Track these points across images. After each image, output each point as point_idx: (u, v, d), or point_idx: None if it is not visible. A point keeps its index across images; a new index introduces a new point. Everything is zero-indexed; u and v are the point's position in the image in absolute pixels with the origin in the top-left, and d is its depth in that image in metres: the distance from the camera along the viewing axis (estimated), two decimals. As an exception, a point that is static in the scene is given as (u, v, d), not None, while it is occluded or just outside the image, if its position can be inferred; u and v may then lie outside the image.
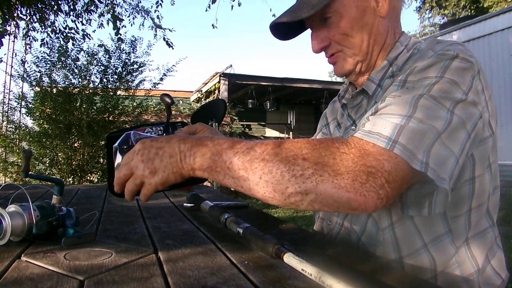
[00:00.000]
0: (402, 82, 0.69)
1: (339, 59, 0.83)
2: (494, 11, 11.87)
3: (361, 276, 0.58)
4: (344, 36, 0.80)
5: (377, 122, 0.62)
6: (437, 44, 0.75)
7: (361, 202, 0.55)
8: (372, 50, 0.81)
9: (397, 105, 0.64)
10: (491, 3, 15.94)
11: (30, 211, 0.69)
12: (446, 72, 0.67)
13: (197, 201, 1.01)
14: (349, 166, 0.55)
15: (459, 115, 0.64)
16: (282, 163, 0.57)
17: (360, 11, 0.78)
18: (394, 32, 0.83)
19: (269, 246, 0.60)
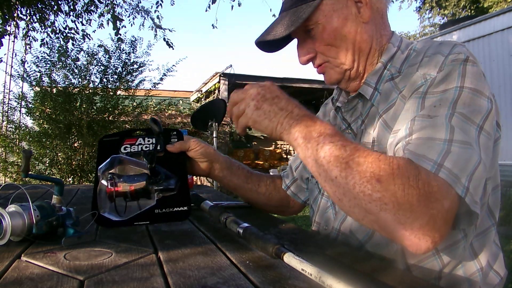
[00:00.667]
0: (423, 95, 0.68)
1: (326, 69, 0.83)
2: (494, 11, 11.87)
3: (361, 276, 0.58)
4: (328, 47, 0.79)
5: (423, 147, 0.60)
6: (440, 45, 0.73)
7: (414, 243, 0.55)
8: (359, 57, 0.80)
9: (432, 128, 0.62)
10: (491, 3, 15.94)
11: (30, 211, 0.69)
12: (465, 80, 0.66)
13: (197, 201, 1.01)
14: (414, 204, 0.54)
15: (487, 130, 0.64)
16: (358, 175, 0.57)
17: (341, 20, 0.77)
18: (381, 35, 0.82)
19: (269, 246, 0.60)
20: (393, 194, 0.55)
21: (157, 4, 5.95)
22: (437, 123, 0.63)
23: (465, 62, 0.68)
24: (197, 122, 3.18)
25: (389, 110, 0.75)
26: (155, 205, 0.85)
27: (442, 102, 0.65)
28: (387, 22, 0.84)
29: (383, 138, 0.75)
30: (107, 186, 0.83)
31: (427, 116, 0.64)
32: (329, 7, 0.77)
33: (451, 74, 0.67)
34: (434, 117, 0.63)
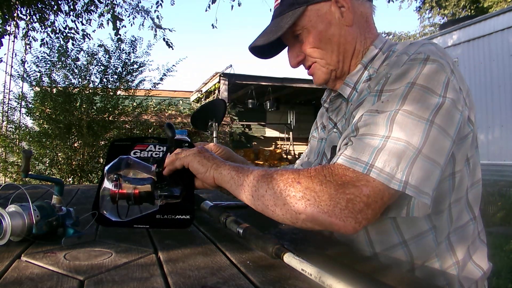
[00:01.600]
0: (379, 93, 0.72)
1: (315, 70, 0.88)
2: (494, 11, 11.87)
3: (361, 276, 0.58)
4: (315, 49, 0.85)
5: (357, 146, 0.66)
6: (410, 46, 0.76)
7: (341, 226, 0.63)
8: (343, 58, 0.85)
9: (375, 124, 0.67)
10: (491, 3, 15.94)
11: (30, 211, 0.69)
12: (418, 78, 0.68)
13: (197, 201, 1.01)
14: (332, 193, 0.63)
15: (439, 124, 0.65)
16: (282, 183, 0.67)
17: (325, 24, 0.83)
18: (365, 37, 0.86)
19: (269, 246, 0.60)
20: (313, 190, 0.64)
21: (157, 4, 5.96)
22: (380, 119, 0.67)
23: (425, 61, 0.70)
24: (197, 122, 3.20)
25: (358, 108, 0.78)
26: (156, 210, 0.84)
27: (391, 98, 0.68)
28: (372, 25, 0.88)
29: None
30: (111, 188, 0.82)
31: (375, 111, 0.69)
32: (314, 13, 0.83)
33: (407, 72, 0.70)
34: (380, 113, 0.68)
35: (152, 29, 6.09)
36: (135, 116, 5.69)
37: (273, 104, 9.96)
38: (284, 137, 12.18)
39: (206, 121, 2.90)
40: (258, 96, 9.70)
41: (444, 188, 0.73)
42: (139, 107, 5.59)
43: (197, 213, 1.00)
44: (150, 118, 6.55)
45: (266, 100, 9.83)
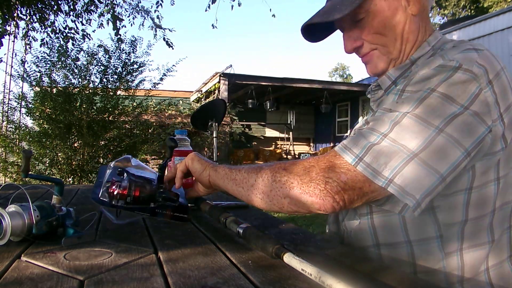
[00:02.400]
0: (400, 92, 0.70)
1: (373, 58, 0.84)
2: (494, 11, 11.87)
3: (361, 276, 0.58)
4: (377, 35, 0.81)
5: (355, 137, 0.68)
6: (452, 49, 0.72)
7: (321, 204, 0.65)
8: (405, 48, 0.81)
9: (381, 121, 0.67)
10: (491, 3, 15.94)
11: (30, 211, 0.69)
12: (440, 85, 0.65)
13: (197, 201, 1.01)
14: (313, 176, 0.66)
15: (450, 133, 0.63)
16: (269, 170, 0.72)
17: (392, 10, 0.79)
18: (425, 30, 0.82)
19: (269, 246, 0.60)
20: (296, 174, 0.68)
21: (157, 4, 5.95)
22: (387, 117, 0.67)
23: (456, 69, 0.66)
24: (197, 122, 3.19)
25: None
26: (155, 207, 0.84)
27: (407, 100, 0.67)
28: (429, 19, 0.85)
29: None
30: (111, 186, 0.82)
31: (388, 109, 0.68)
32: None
33: (432, 77, 0.67)
34: (392, 112, 0.67)
35: (152, 29, 6.09)
36: (135, 116, 5.68)
37: (273, 104, 9.96)
38: (284, 137, 12.18)
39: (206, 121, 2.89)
40: (258, 96, 9.70)
41: (455, 201, 0.70)
42: (139, 107, 5.58)
43: (197, 213, 1.01)
44: (150, 118, 6.54)
45: (266, 100, 9.82)
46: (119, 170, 0.84)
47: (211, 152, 7.57)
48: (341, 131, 11.66)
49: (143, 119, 5.90)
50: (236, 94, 9.81)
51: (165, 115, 7.22)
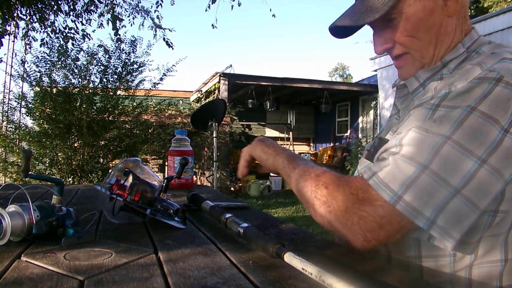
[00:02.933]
0: (435, 107, 0.65)
1: (406, 63, 0.79)
2: (494, 11, 11.87)
3: (361, 276, 0.58)
4: (410, 38, 0.75)
5: (392, 170, 0.62)
6: (490, 56, 0.67)
7: (351, 239, 0.65)
8: (439, 51, 0.76)
9: (419, 148, 0.62)
10: (491, 3, 15.95)
11: (30, 211, 0.69)
12: (482, 102, 0.60)
13: (197, 201, 1.01)
14: (349, 207, 0.64)
15: (493, 164, 0.59)
16: (315, 183, 0.70)
17: (427, 11, 0.73)
18: (461, 30, 0.77)
19: (270, 245, 0.60)
20: (335, 198, 0.66)
21: (157, 4, 5.96)
22: (427, 142, 0.61)
23: (496, 82, 0.61)
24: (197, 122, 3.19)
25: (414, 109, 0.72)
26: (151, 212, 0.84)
27: (445, 120, 0.62)
28: (468, 17, 0.79)
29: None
30: (112, 189, 0.82)
31: (424, 129, 0.63)
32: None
33: (471, 91, 0.62)
34: (429, 134, 0.62)
35: (152, 29, 6.09)
36: (135, 116, 5.68)
37: (273, 104, 9.96)
38: (284, 137, 12.18)
39: (206, 121, 2.90)
40: (258, 96, 9.70)
41: (479, 223, 0.65)
42: (139, 107, 5.59)
43: (197, 213, 1.01)
44: (150, 118, 6.54)
45: (266, 100, 9.82)
46: (126, 170, 0.84)
47: (211, 152, 7.56)
48: (341, 131, 11.66)
49: (143, 119, 5.90)
50: (236, 94, 9.81)
51: (165, 115, 7.21)
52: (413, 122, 0.66)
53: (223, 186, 7.99)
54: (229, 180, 8.29)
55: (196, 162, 8.45)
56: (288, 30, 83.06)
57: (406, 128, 0.67)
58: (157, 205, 0.85)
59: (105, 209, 0.89)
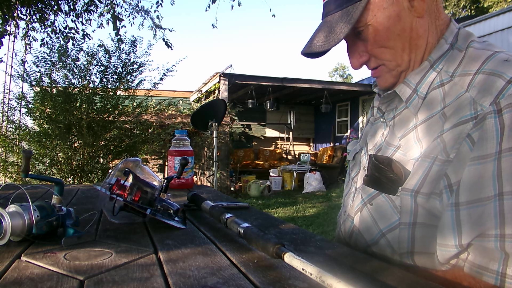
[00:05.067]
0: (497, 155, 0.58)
1: (382, 73, 0.77)
2: (494, 11, 11.86)
3: (361, 276, 0.58)
4: (382, 49, 0.73)
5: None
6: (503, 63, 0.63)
7: None
8: (415, 55, 0.73)
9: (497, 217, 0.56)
10: (491, 3, 15.94)
11: (30, 211, 0.69)
12: None
13: (197, 201, 1.01)
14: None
15: None
16: None
17: (393, 18, 0.70)
18: (435, 27, 0.73)
19: (270, 245, 0.60)
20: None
21: (157, 4, 5.96)
22: (508, 208, 0.56)
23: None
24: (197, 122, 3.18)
25: (425, 123, 0.70)
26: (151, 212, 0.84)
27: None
28: (441, 9, 0.74)
29: (409, 151, 0.71)
30: (112, 189, 0.82)
31: (510, 193, 0.56)
32: (378, 6, 0.70)
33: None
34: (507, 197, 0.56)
35: (152, 29, 6.09)
36: (135, 116, 5.68)
37: (273, 104, 9.96)
38: (284, 137, 12.18)
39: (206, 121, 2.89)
40: (258, 96, 9.70)
41: None
42: (139, 107, 5.58)
43: (197, 213, 1.01)
44: (150, 118, 6.54)
45: (266, 100, 9.82)
46: (126, 170, 0.84)
47: (211, 152, 7.56)
48: (341, 131, 11.65)
49: (143, 119, 5.90)
50: (236, 94, 9.81)
51: (165, 115, 7.21)
52: (486, 189, 0.58)
53: (223, 186, 7.99)
54: (229, 180, 8.29)
55: (196, 162, 8.45)
56: (289, 30, 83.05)
57: (472, 198, 0.60)
58: (157, 205, 0.85)
59: (105, 209, 0.89)
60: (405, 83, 0.75)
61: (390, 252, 0.74)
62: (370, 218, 0.78)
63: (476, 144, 0.60)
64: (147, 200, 0.83)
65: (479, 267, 0.59)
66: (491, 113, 0.60)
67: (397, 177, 0.71)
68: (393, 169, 0.71)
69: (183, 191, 1.44)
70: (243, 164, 9.96)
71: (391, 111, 0.81)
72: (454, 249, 0.62)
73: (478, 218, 0.59)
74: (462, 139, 0.62)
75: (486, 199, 0.58)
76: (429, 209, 0.67)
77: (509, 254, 0.56)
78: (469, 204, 0.60)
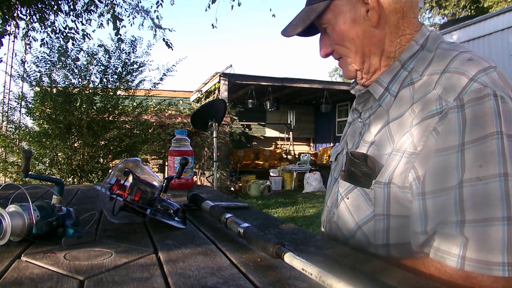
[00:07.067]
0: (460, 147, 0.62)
1: (342, 65, 0.85)
2: (494, 11, 11.86)
3: (361, 276, 0.58)
4: (339, 46, 0.82)
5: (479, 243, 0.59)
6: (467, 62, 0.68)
7: None
8: (369, 59, 0.80)
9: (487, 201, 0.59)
10: (491, 3, 15.94)
11: (30, 211, 0.69)
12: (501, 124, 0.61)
13: (197, 201, 1.01)
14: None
15: None
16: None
17: (349, 23, 0.78)
18: (398, 36, 0.78)
19: (270, 245, 0.60)
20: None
21: (157, 4, 5.96)
22: (491, 191, 0.59)
23: (495, 97, 0.62)
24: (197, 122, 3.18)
25: (397, 120, 0.74)
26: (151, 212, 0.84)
27: (488, 158, 0.60)
28: (411, 19, 0.79)
29: (382, 146, 0.76)
30: (112, 189, 0.82)
31: (475, 179, 0.60)
32: (339, 8, 0.79)
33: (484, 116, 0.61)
34: (486, 181, 0.60)
35: (152, 29, 6.09)
36: (135, 116, 5.68)
37: (273, 104, 9.96)
38: (284, 137, 12.18)
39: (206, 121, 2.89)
40: (258, 96, 9.69)
41: None
42: (139, 107, 5.58)
43: (197, 213, 1.01)
44: (150, 118, 6.54)
45: (266, 100, 9.82)
46: (126, 170, 0.84)
47: (211, 152, 7.56)
48: (341, 131, 11.65)
49: (143, 119, 5.90)
50: (236, 94, 9.81)
51: (165, 115, 7.21)
52: (449, 178, 0.62)
53: (223, 186, 7.99)
54: (229, 180, 8.29)
55: (196, 162, 8.45)
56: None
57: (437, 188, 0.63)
58: (157, 205, 0.85)
59: (105, 209, 0.89)
60: (377, 82, 0.80)
61: (366, 244, 0.77)
62: (347, 212, 0.81)
63: (440, 137, 0.65)
64: (147, 200, 0.83)
65: (442, 251, 0.62)
66: (454, 108, 0.64)
67: (371, 171, 0.75)
68: (367, 164, 0.75)
69: (183, 191, 1.44)
70: (243, 164, 9.96)
71: (367, 111, 0.86)
72: (422, 236, 0.66)
73: (441, 206, 0.63)
74: (428, 132, 0.66)
75: (449, 189, 0.62)
76: (402, 201, 0.70)
77: (468, 238, 0.60)
78: (434, 193, 0.64)
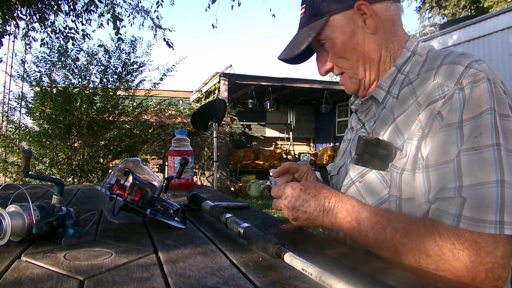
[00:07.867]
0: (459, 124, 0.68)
1: (345, 81, 0.89)
2: (494, 11, 11.86)
3: (361, 276, 0.58)
4: (340, 59, 0.85)
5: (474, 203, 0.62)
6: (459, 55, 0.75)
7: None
8: (370, 66, 0.84)
9: (482, 167, 0.63)
10: (491, 3, 15.94)
11: (30, 211, 0.69)
12: (494, 103, 0.67)
13: (197, 201, 1.01)
14: (468, 265, 0.61)
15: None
16: (410, 255, 0.66)
17: (348, 33, 0.82)
18: (392, 42, 0.84)
19: (270, 245, 0.60)
20: (446, 262, 0.62)
21: (157, 4, 5.96)
22: (485, 158, 0.64)
23: (488, 81, 0.69)
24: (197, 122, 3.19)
25: (402, 114, 0.78)
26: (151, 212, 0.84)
27: (482, 130, 0.65)
28: (399, 27, 0.86)
29: (392, 141, 0.79)
30: (112, 189, 0.82)
31: (471, 149, 0.65)
32: (336, 23, 0.83)
33: (480, 96, 0.68)
34: (481, 150, 0.65)
35: (152, 29, 6.09)
36: (135, 116, 5.68)
37: (273, 104, 9.96)
38: (284, 137, 12.18)
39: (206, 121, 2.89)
40: (258, 96, 9.69)
41: None
42: (139, 107, 5.58)
43: (197, 213, 1.01)
44: (150, 118, 6.54)
45: (266, 100, 9.82)
46: (126, 170, 0.84)
47: (211, 152, 7.56)
48: (341, 131, 11.65)
49: (143, 119, 5.90)
50: (236, 94, 9.81)
51: (165, 115, 7.21)
52: (450, 151, 0.67)
53: (223, 186, 7.99)
54: (229, 180, 8.29)
55: (196, 162, 8.45)
56: (289, 30, 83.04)
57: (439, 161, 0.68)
58: (157, 205, 0.85)
59: (105, 209, 0.89)
60: (379, 87, 0.85)
61: None
62: (358, 195, 0.82)
63: (444, 117, 0.70)
64: (147, 200, 0.83)
65: (440, 211, 0.66)
66: (456, 90, 0.70)
67: (388, 153, 0.77)
68: (383, 146, 0.79)
69: (183, 191, 1.44)
70: (243, 164, 9.96)
71: (371, 119, 0.88)
72: (425, 206, 0.70)
73: (442, 176, 0.68)
74: (434, 115, 0.71)
75: (449, 161, 0.67)
76: (411, 183, 0.74)
77: (466, 198, 0.63)
78: (436, 166, 0.69)
